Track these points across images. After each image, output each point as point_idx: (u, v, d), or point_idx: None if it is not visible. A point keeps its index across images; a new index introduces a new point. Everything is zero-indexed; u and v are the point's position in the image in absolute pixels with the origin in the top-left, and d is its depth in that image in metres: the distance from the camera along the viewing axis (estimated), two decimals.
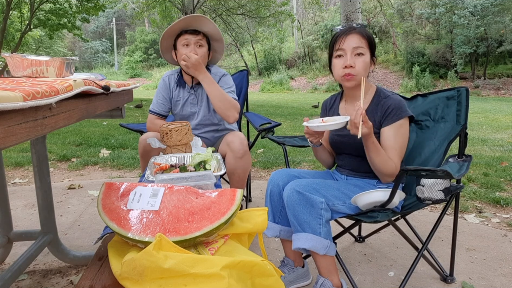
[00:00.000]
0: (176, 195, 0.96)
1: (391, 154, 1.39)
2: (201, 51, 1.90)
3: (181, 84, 2.03)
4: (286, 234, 1.51)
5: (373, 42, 1.45)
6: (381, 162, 1.35)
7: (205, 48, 1.92)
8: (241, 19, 14.83)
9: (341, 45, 1.42)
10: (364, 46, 1.41)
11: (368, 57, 1.43)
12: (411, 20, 19.59)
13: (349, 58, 1.41)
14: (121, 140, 4.84)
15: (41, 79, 1.00)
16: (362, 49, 1.41)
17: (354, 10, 6.30)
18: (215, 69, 2.03)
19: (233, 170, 1.83)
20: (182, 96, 2.03)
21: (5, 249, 1.79)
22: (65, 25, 10.76)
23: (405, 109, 1.42)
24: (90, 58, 32.33)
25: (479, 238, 2.07)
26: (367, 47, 1.42)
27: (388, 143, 1.40)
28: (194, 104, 2.03)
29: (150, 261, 0.77)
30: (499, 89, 15.06)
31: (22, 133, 0.66)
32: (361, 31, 1.42)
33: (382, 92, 1.48)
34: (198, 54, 1.87)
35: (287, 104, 11.56)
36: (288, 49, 23.82)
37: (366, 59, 1.42)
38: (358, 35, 1.41)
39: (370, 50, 1.43)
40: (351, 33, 1.42)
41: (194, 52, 1.87)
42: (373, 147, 1.34)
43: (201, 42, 1.90)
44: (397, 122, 1.40)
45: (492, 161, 3.83)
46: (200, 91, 2.01)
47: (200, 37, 1.90)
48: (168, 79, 2.07)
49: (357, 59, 1.41)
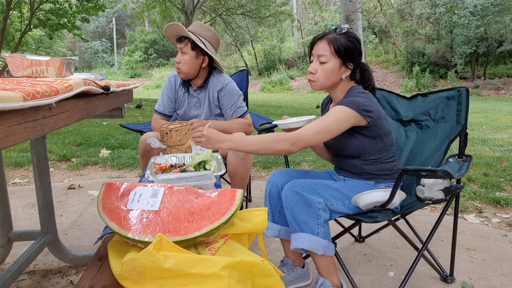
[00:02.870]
0: (176, 195, 0.96)
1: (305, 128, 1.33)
2: (183, 59, 1.91)
3: (185, 85, 2.05)
4: (286, 233, 1.51)
5: (344, 49, 1.41)
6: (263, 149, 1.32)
7: (188, 55, 1.91)
8: (241, 19, 14.83)
9: (312, 50, 1.48)
10: (328, 54, 1.41)
11: (334, 64, 1.42)
12: (411, 20, 19.60)
13: (313, 64, 1.46)
14: (121, 140, 4.84)
15: (41, 79, 1.00)
16: (324, 57, 1.42)
17: (354, 10, 6.30)
18: (219, 76, 2.02)
19: (235, 170, 1.83)
20: (187, 97, 2.05)
21: (5, 249, 1.79)
22: (65, 25, 10.75)
23: (352, 102, 1.36)
24: (90, 58, 32.32)
25: (479, 238, 2.07)
26: (333, 54, 1.41)
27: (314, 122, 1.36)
28: (197, 107, 2.05)
29: (150, 261, 0.77)
30: (499, 89, 15.06)
31: (22, 133, 0.66)
32: (330, 38, 1.41)
33: (353, 91, 1.45)
34: (180, 62, 1.92)
35: (287, 104, 11.56)
36: (288, 49, 23.82)
37: (327, 66, 1.42)
38: (325, 42, 1.42)
39: (340, 57, 1.41)
40: (321, 39, 1.44)
41: (178, 59, 1.92)
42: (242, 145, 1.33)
43: (183, 49, 1.91)
44: (336, 107, 1.37)
45: (492, 161, 3.83)
46: (202, 94, 2.03)
47: (182, 45, 1.91)
48: (174, 79, 2.09)
49: (319, 66, 1.44)
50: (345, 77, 1.45)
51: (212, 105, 2.03)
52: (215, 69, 2.04)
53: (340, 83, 1.47)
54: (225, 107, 2.00)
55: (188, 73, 1.95)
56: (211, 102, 2.02)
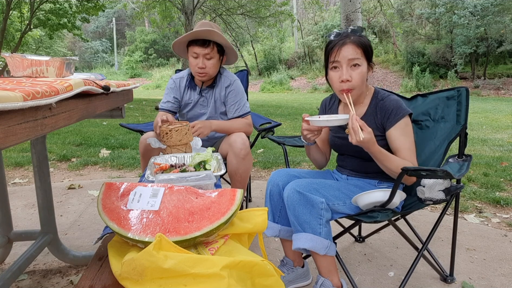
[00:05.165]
0: (176, 195, 0.96)
1: (404, 154, 1.36)
2: (209, 63, 1.91)
3: (192, 87, 2.06)
4: (286, 233, 1.51)
5: (369, 48, 1.40)
6: (397, 166, 1.31)
7: (214, 59, 1.92)
8: (241, 19, 14.84)
9: (336, 57, 1.37)
10: (360, 57, 1.36)
11: (365, 67, 1.39)
12: (411, 20, 19.58)
13: (345, 71, 1.36)
14: (121, 140, 4.84)
15: (41, 79, 1.00)
16: (358, 60, 1.36)
17: (354, 10, 6.30)
18: (226, 73, 2.06)
19: (235, 170, 1.83)
20: (193, 98, 2.06)
21: (5, 249, 1.79)
22: (65, 25, 10.76)
23: (404, 108, 1.41)
24: (90, 58, 32.31)
25: (479, 238, 2.07)
26: (363, 57, 1.38)
27: (399, 144, 1.38)
28: (203, 106, 2.06)
29: (150, 261, 0.77)
30: (499, 89, 15.06)
31: (22, 133, 0.66)
32: (355, 40, 1.36)
33: (379, 94, 1.48)
34: (206, 66, 1.90)
35: (287, 104, 11.56)
36: (288, 49, 23.81)
37: (363, 69, 1.38)
38: (353, 45, 1.35)
39: (366, 58, 1.39)
40: (346, 43, 1.36)
41: (203, 65, 1.88)
42: (381, 155, 1.31)
43: (209, 55, 1.89)
44: (401, 122, 1.39)
45: (492, 161, 3.83)
46: (209, 94, 2.04)
47: (208, 51, 1.88)
48: (179, 82, 2.08)
49: (353, 71, 1.37)
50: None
51: (218, 102, 2.04)
52: (221, 67, 2.07)
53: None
54: (229, 103, 2.02)
55: (213, 75, 1.98)
56: (217, 100, 2.03)
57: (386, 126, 1.42)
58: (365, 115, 1.47)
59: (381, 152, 1.31)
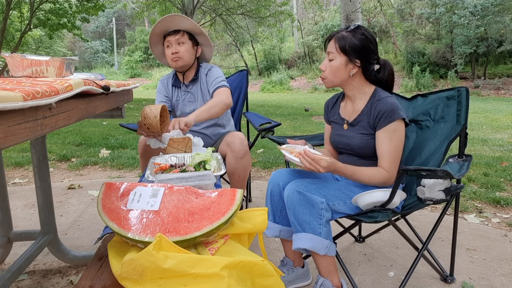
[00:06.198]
0: (176, 195, 0.96)
1: (383, 160, 1.41)
2: (182, 48, 1.96)
3: (177, 84, 2.09)
4: (286, 234, 1.51)
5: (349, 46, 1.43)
6: (367, 177, 1.39)
7: (187, 44, 1.97)
8: (241, 19, 14.82)
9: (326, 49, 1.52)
10: (335, 51, 1.45)
11: (340, 62, 1.45)
12: (411, 20, 19.58)
13: (324, 62, 1.50)
14: (121, 140, 4.84)
15: (41, 79, 1.00)
16: (332, 55, 1.46)
17: (354, 10, 6.30)
18: (205, 65, 2.10)
19: (234, 170, 1.82)
20: (180, 96, 2.08)
21: (5, 249, 1.79)
22: (65, 25, 10.75)
23: (397, 112, 1.40)
24: (90, 58, 32.29)
25: (479, 238, 2.07)
26: (338, 52, 1.44)
27: (383, 147, 1.41)
28: (192, 102, 2.07)
29: (150, 261, 0.77)
30: (499, 89, 15.05)
31: (22, 133, 0.66)
32: (338, 36, 1.46)
33: (378, 95, 1.48)
34: (179, 51, 1.95)
35: (287, 104, 11.55)
36: (288, 49, 23.80)
37: (335, 63, 1.45)
38: (333, 40, 1.46)
39: (345, 54, 1.43)
40: (332, 38, 1.48)
41: (175, 50, 1.94)
42: (348, 171, 1.38)
43: (181, 40, 1.96)
44: (390, 126, 1.40)
45: (492, 161, 3.83)
46: (194, 88, 2.06)
47: (179, 36, 1.95)
48: (166, 82, 2.14)
49: (328, 64, 1.48)
50: (352, 74, 1.46)
51: (205, 95, 2.05)
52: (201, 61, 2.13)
53: (352, 80, 1.49)
54: (208, 85, 2.04)
55: (189, 62, 2.00)
56: (203, 92, 2.05)
57: (376, 127, 1.44)
58: (361, 114, 1.49)
59: (346, 168, 1.38)
